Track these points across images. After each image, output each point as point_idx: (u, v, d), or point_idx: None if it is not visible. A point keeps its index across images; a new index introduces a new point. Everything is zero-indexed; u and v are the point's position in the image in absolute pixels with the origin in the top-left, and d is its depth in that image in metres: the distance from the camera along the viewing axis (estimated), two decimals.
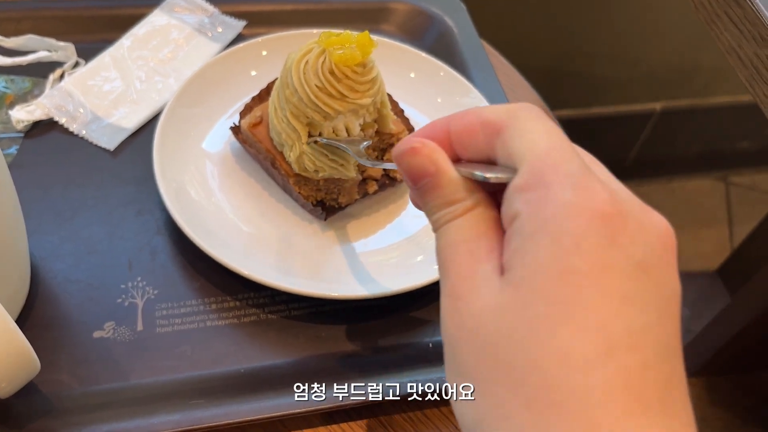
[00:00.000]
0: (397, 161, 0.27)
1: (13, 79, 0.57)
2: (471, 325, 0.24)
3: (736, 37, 0.53)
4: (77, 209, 0.50)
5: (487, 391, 0.23)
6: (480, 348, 0.23)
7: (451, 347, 0.25)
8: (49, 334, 0.43)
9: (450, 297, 0.25)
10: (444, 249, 0.26)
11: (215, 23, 0.65)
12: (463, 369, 0.24)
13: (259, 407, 0.40)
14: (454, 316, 0.24)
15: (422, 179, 0.27)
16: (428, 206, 0.27)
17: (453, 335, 0.24)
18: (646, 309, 0.22)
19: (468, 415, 0.24)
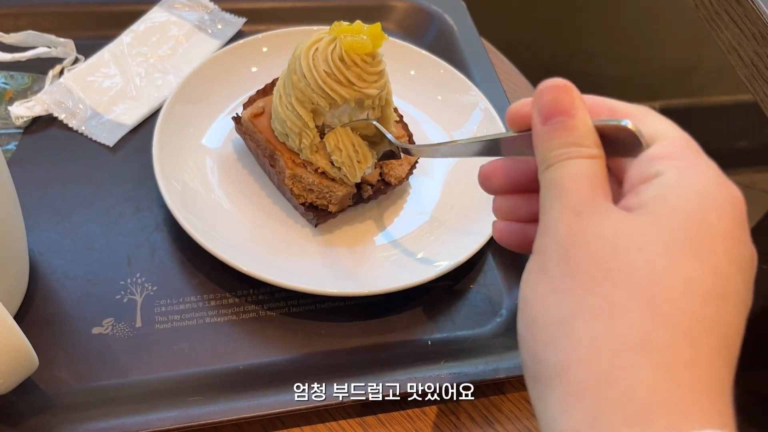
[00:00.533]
0: (543, 92, 0.29)
1: (12, 75, 0.57)
2: (596, 232, 0.25)
3: (737, 36, 0.53)
4: (76, 205, 0.50)
5: (600, 287, 0.24)
6: (603, 251, 0.25)
7: (562, 248, 0.26)
8: (47, 330, 0.43)
9: (570, 210, 0.26)
10: (564, 177, 0.27)
11: (215, 20, 0.65)
12: (574, 268, 0.25)
13: (257, 404, 0.40)
14: (573, 224, 0.26)
15: (558, 116, 0.28)
16: (552, 143, 0.28)
17: (566, 239, 0.26)
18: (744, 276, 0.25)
19: (552, 310, 0.25)
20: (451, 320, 0.48)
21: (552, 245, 0.26)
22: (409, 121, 0.56)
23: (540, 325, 0.26)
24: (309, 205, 0.49)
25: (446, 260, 0.47)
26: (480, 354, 0.45)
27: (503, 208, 0.35)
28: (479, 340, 0.47)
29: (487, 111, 0.56)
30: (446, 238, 0.50)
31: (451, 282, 0.49)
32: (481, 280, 0.50)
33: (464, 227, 0.50)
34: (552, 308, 0.25)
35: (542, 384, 0.25)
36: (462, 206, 0.52)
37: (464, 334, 0.47)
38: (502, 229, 0.35)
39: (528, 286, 0.27)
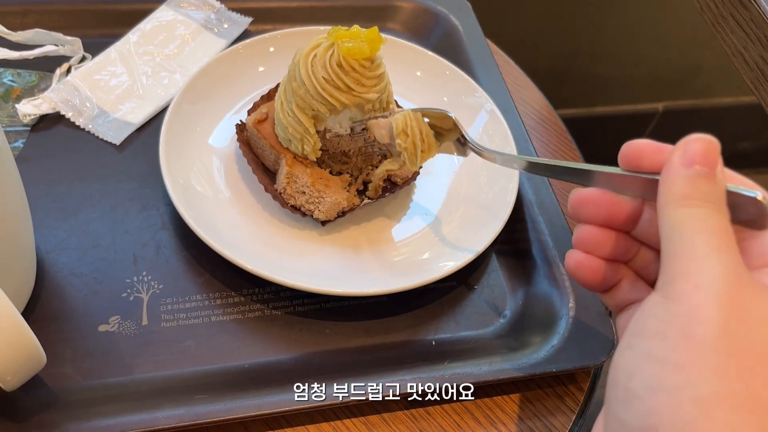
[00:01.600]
0: (693, 140, 0.28)
1: (19, 73, 0.58)
2: (760, 313, 0.24)
3: (742, 40, 0.53)
4: (82, 203, 0.50)
5: (745, 377, 0.23)
6: (763, 338, 0.24)
7: (721, 315, 0.24)
8: (54, 327, 0.44)
9: (730, 268, 0.25)
10: (719, 227, 0.26)
11: (221, 19, 0.65)
12: (732, 346, 0.23)
13: (262, 403, 0.40)
14: (735, 290, 0.24)
15: (701, 165, 0.27)
16: (690, 185, 0.27)
17: (727, 306, 0.24)
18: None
19: (697, 386, 0.23)
20: (455, 321, 0.48)
21: (708, 304, 0.24)
22: None
23: (671, 395, 0.24)
24: (294, 208, 0.49)
25: (451, 261, 0.47)
26: (484, 355, 0.45)
27: (588, 239, 0.34)
28: (483, 340, 0.47)
29: (492, 113, 0.57)
30: (451, 239, 0.50)
31: (456, 282, 0.50)
32: (485, 280, 0.50)
33: (469, 228, 0.50)
34: (695, 384, 0.23)
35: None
36: (467, 207, 0.52)
37: (468, 334, 0.47)
38: (581, 261, 0.34)
39: (662, 342, 0.25)
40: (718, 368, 0.23)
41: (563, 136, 0.65)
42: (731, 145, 1.56)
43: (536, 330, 0.47)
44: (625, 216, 0.33)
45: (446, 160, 0.55)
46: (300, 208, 0.49)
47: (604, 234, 0.34)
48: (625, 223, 0.34)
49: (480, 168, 0.54)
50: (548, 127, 0.65)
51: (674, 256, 0.26)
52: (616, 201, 0.34)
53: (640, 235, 0.35)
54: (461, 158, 0.56)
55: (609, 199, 0.34)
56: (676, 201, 0.27)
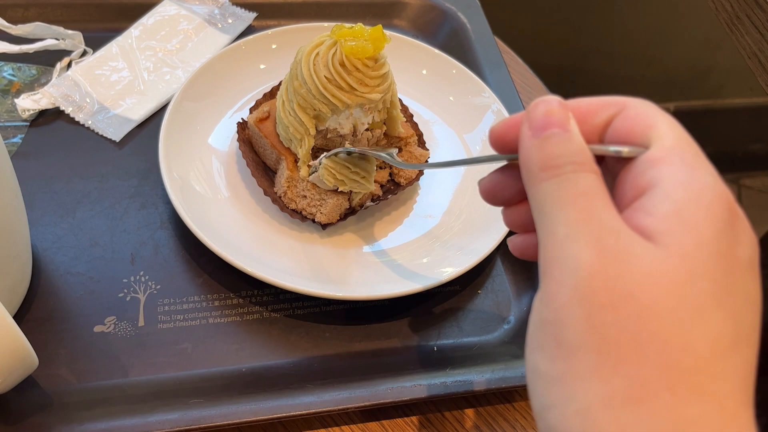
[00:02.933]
0: (534, 107, 0.26)
1: (20, 67, 0.57)
2: (625, 289, 0.22)
3: (757, 41, 0.52)
4: (81, 200, 0.49)
5: (627, 366, 0.21)
6: (632, 316, 0.22)
7: (583, 309, 0.22)
8: (49, 327, 0.43)
9: (590, 242, 0.23)
10: (572, 193, 0.24)
11: (225, 14, 0.64)
12: (601, 343, 0.22)
13: (259, 408, 0.40)
14: (596, 269, 0.22)
15: (551, 127, 0.25)
16: (546, 153, 0.25)
17: (589, 294, 0.22)
18: (754, 308, 0.24)
19: (575, 397, 0.22)
20: (457, 326, 0.47)
21: (571, 303, 0.22)
22: (420, 122, 0.55)
23: (560, 412, 0.23)
24: (293, 212, 0.48)
25: (454, 266, 0.46)
26: (486, 361, 0.44)
27: (515, 220, 0.31)
28: (486, 347, 0.46)
29: (499, 113, 0.55)
30: (454, 243, 0.49)
31: (459, 287, 0.49)
32: (489, 285, 0.49)
33: (473, 232, 0.49)
34: (576, 395, 0.22)
35: None
36: (471, 211, 0.51)
37: (471, 340, 0.46)
38: (520, 243, 0.32)
39: (542, 355, 0.24)
40: (592, 371, 0.22)
41: None
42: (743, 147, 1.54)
43: None
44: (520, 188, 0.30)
45: None
46: (301, 212, 0.48)
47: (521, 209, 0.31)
48: None
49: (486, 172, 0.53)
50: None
51: (542, 244, 0.25)
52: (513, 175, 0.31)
53: None
54: None
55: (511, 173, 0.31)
56: (534, 177, 0.25)
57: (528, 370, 0.25)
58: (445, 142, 0.56)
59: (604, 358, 0.22)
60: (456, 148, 0.56)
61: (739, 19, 0.53)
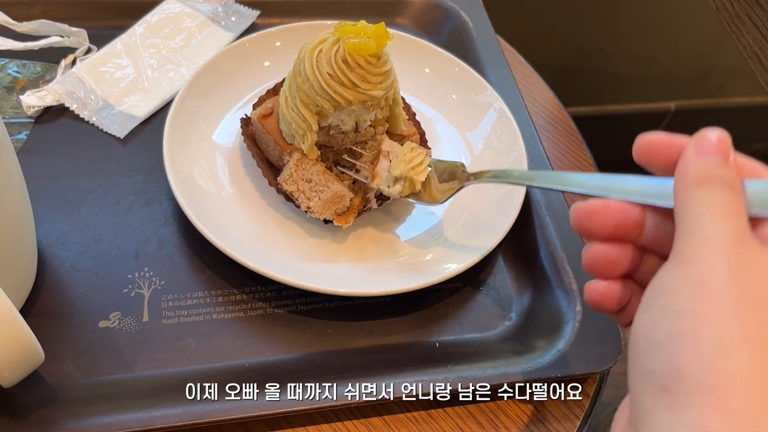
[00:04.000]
0: (704, 134, 0.30)
1: (24, 64, 0.57)
2: (758, 260, 0.26)
3: (758, 41, 0.52)
4: (85, 197, 0.50)
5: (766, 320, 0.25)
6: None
7: (729, 268, 0.26)
8: (54, 322, 0.43)
9: (734, 233, 0.27)
10: (725, 201, 0.28)
11: (229, 12, 0.64)
12: (743, 293, 0.25)
13: (262, 404, 0.40)
14: (739, 247, 0.26)
15: (715, 154, 0.29)
16: (706, 166, 0.29)
17: (734, 260, 0.26)
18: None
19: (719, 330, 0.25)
20: (459, 323, 0.47)
21: (716, 259, 0.26)
22: (422, 120, 0.55)
23: (692, 339, 0.25)
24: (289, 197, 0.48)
25: (456, 263, 0.46)
26: (488, 358, 0.45)
27: (602, 258, 0.33)
28: (487, 343, 0.46)
29: (501, 112, 0.56)
30: (457, 240, 0.49)
31: (461, 283, 0.49)
32: (491, 282, 0.50)
33: (475, 229, 0.49)
34: (713, 326, 0.25)
35: (677, 396, 0.25)
36: (474, 208, 0.51)
37: (472, 337, 0.46)
38: (603, 291, 0.33)
39: (677, 296, 0.26)
40: (733, 314, 0.25)
41: (573, 135, 0.64)
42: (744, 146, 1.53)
43: (542, 334, 0.46)
44: (633, 222, 0.33)
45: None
46: (298, 198, 0.48)
47: (616, 249, 0.33)
48: (633, 230, 0.33)
49: (488, 168, 0.53)
50: (558, 127, 0.64)
51: (685, 229, 0.28)
52: (621, 208, 0.33)
53: (645, 242, 0.33)
54: (469, 159, 0.55)
55: (615, 206, 0.33)
56: (689, 185, 0.29)
57: (656, 309, 0.27)
58: (448, 140, 0.56)
59: (744, 308, 0.25)
60: (458, 146, 0.56)
61: (740, 19, 0.53)
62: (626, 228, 0.32)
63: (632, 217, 0.32)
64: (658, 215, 0.32)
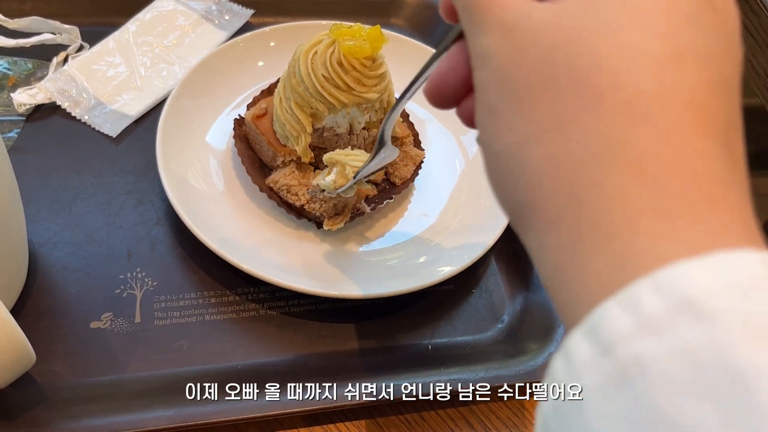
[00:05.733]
0: None
1: (16, 61, 0.57)
2: (525, 41, 0.22)
3: (750, 46, 0.52)
4: (77, 196, 0.49)
5: (544, 100, 0.21)
6: (537, 58, 0.21)
7: (500, 74, 0.22)
8: (46, 323, 0.43)
9: (497, 28, 0.22)
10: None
11: (222, 11, 0.64)
12: (517, 91, 0.21)
13: (254, 405, 0.40)
14: (504, 44, 0.22)
15: None
16: None
17: (502, 63, 0.22)
18: (711, 35, 0.21)
19: (508, 146, 0.22)
20: (451, 325, 0.47)
21: (489, 75, 0.22)
22: (415, 121, 0.55)
23: (502, 167, 0.22)
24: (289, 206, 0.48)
25: (449, 265, 0.46)
26: (480, 360, 0.45)
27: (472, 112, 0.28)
28: (479, 346, 0.46)
29: None
30: (450, 242, 0.49)
31: (453, 286, 0.49)
32: (484, 284, 0.50)
33: (468, 231, 0.50)
34: (507, 144, 0.22)
35: (523, 229, 0.22)
36: (468, 211, 0.51)
37: (465, 339, 0.47)
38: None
39: (482, 130, 0.24)
40: (516, 120, 0.22)
41: None
42: None
43: (534, 336, 0.46)
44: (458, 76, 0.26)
45: (447, 164, 0.54)
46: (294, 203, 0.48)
47: None
48: None
49: (482, 171, 0.53)
50: None
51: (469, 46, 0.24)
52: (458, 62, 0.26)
53: None
54: (463, 162, 0.55)
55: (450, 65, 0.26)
56: None
57: (482, 155, 0.24)
58: (441, 142, 0.56)
59: (522, 102, 0.21)
60: (452, 148, 0.56)
61: None
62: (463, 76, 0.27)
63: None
64: None
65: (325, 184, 0.45)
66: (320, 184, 0.45)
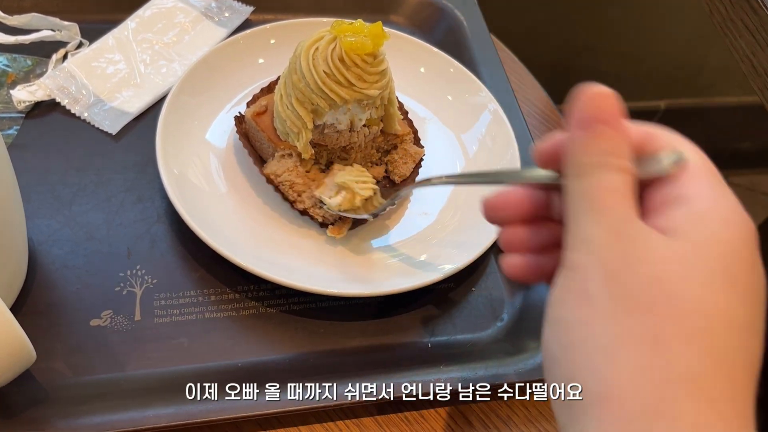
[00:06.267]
0: (588, 97, 0.28)
1: (15, 58, 0.56)
2: (641, 257, 0.25)
3: (751, 45, 0.52)
4: (77, 194, 0.49)
5: (641, 318, 0.24)
6: (649, 279, 0.25)
7: (605, 269, 0.25)
8: (45, 321, 0.43)
9: (611, 228, 0.26)
10: (602, 190, 0.26)
11: (222, 8, 0.64)
12: (620, 293, 0.25)
13: (255, 404, 0.40)
14: (616, 245, 0.25)
15: (599, 124, 0.27)
16: (588, 149, 0.27)
17: (610, 260, 0.25)
18: (764, 322, 0.26)
19: (596, 336, 0.25)
20: (451, 323, 0.47)
21: (592, 264, 0.26)
22: (415, 119, 0.55)
23: (580, 350, 0.25)
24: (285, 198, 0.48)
25: (449, 264, 0.46)
26: (479, 359, 0.45)
27: (515, 240, 0.33)
28: (479, 344, 0.46)
29: (496, 113, 0.56)
30: (450, 241, 0.49)
31: (453, 284, 0.49)
32: (483, 283, 0.50)
33: (468, 230, 0.50)
34: (596, 334, 0.25)
35: (578, 410, 0.25)
36: (466, 209, 0.51)
37: (464, 337, 0.47)
38: (517, 264, 0.33)
39: (564, 306, 0.26)
40: (612, 315, 0.25)
41: None
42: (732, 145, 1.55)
43: (533, 335, 0.46)
44: (541, 205, 0.32)
45: (447, 163, 0.54)
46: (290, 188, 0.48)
47: (528, 230, 0.32)
48: (544, 211, 0.32)
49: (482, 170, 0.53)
50: (551, 127, 0.65)
51: (568, 227, 0.27)
52: (526, 195, 0.32)
53: (558, 214, 0.32)
54: (463, 161, 0.55)
55: (519, 194, 0.32)
56: (572, 171, 0.28)
57: (550, 322, 0.27)
58: (441, 141, 0.56)
59: (623, 306, 0.24)
60: (453, 147, 0.56)
61: (733, 22, 0.54)
62: (532, 211, 0.32)
63: (536, 200, 0.32)
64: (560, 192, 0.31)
65: (330, 205, 0.46)
66: (325, 203, 0.46)
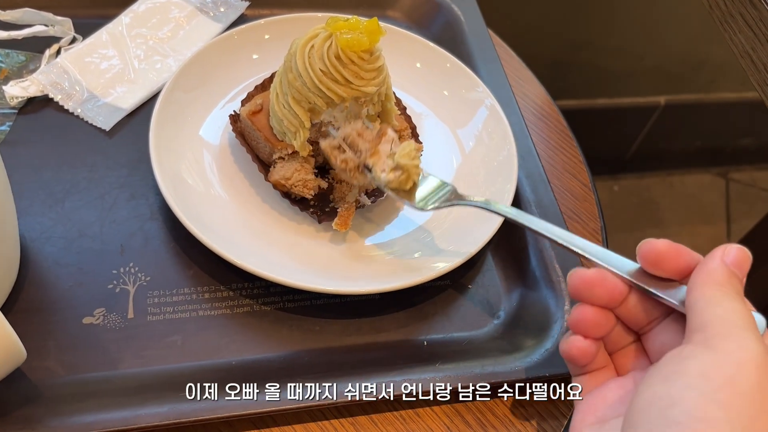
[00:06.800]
0: (734, 247, 0.34)
1: (8, 53, 0.56)
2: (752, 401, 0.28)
3: (750, 40, 0.52)
4: (70, 190, 0.49)
5: None
6: None
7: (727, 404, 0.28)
8: (37, 318, 0.43)
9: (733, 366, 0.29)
10: (745, 314, 0.31)
11: (217, 2, 0.63)
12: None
13: (249, 402, 0.40)
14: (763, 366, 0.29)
15: (735, 266, 0.33)
16: (723, 276, 0.33)
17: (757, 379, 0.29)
18: None
19: None
20: (448, 321, 0.47)
21: (749, 362, 0.29)
22: (412, 115, 0.55)
23: (711, 424, 0.27)
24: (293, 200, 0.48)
25: (444, 261, 0.46)
26: (476, 356, 0.44)
27: (589, 321, 0.36)
28: (476, 342, 0.46)
29: (492, 108, 0.55)
30: (446, 238, 0.49)
31: (449, 281, 0.49)
32: (480, 280, 0.49)
33: (465, 227, 0.49)
34: (734, 420, 0.27)
35: None
36: (463, 208, 0.51)
37: (461, 335, 0.46)
38: (583, 348, 0.37)
39: (705, 381, 0.29)
40: (752, 414, 0.27)
41: (564, 132, 0.64)
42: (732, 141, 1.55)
43: (530, 333, 0.46)
44: (620, 296, 0.36)
45: (444, 159, 0.54)
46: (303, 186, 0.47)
47: (603, 315, 0.36)
48: (618, 302, 0.36)
49: (478, 166, 0.53)
50: (549, 123, 0.64)
51: (713, 321, 0.31)
52: (616, 283, 0.36)
53: (619, 314, 0.37)
54: (459, 157, 0.54)
55: (611, 281, 0.36)
56: (715, 283, 0.32)
57: (680, 386, 0.29)
58: (437, 136, 0.56)
59: (763, 411, 0.28)
60: (449, 142, 0.55)
61: (733, 18, 0.53)
62: (614, 300, 0.36)
63: (621, 292, 0.36)
64: (638, 296, 0.36)
65: (380, 179, 0.44)
66: (375, 175, 0.44)
